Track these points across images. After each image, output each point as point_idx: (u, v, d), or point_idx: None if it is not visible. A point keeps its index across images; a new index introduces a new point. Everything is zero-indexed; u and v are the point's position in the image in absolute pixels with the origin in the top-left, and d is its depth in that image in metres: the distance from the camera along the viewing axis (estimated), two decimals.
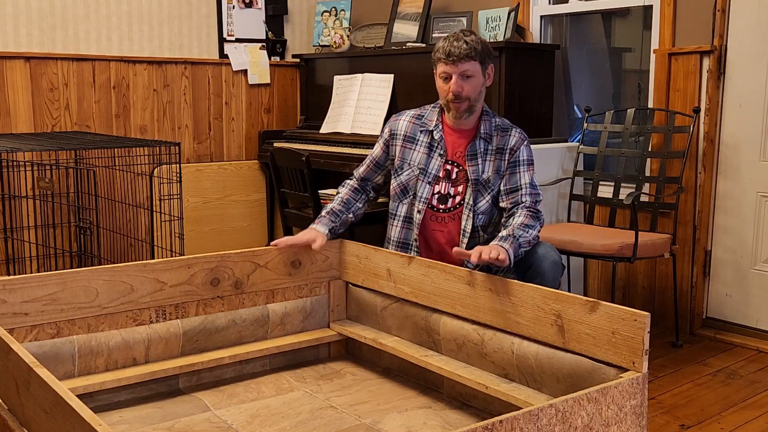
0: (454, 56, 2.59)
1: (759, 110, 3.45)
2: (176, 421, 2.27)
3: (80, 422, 1.41)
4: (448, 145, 2.72)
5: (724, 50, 3.51)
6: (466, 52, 2.59)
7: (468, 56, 2.59)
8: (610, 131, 3.77)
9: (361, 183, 2.87)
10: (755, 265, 3.53)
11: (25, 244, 3.97)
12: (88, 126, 4.27)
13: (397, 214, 2.78)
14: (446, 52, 2.60)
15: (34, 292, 2.22)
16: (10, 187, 3.88)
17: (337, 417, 2.31)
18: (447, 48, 2.60)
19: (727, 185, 3.57)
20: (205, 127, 4.73)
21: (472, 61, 2.61)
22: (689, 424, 2.69)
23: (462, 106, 2.63)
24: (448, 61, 2.60)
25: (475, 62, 2.61)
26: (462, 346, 2.41)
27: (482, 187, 2.68)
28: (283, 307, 2.71)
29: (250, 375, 2.64)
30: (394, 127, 2.81)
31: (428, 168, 2.72)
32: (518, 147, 2.69)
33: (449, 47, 2.60)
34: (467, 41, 2.61)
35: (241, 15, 4.83)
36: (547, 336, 2.14)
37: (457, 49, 2.59)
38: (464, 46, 2.59)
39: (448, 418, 2.33)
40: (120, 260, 4.15)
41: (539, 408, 1.59)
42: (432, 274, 2.48)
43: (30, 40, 4.09)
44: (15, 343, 1.78)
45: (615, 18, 4.32)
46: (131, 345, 2.39)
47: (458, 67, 2.60)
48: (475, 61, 2.61)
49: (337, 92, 4.52)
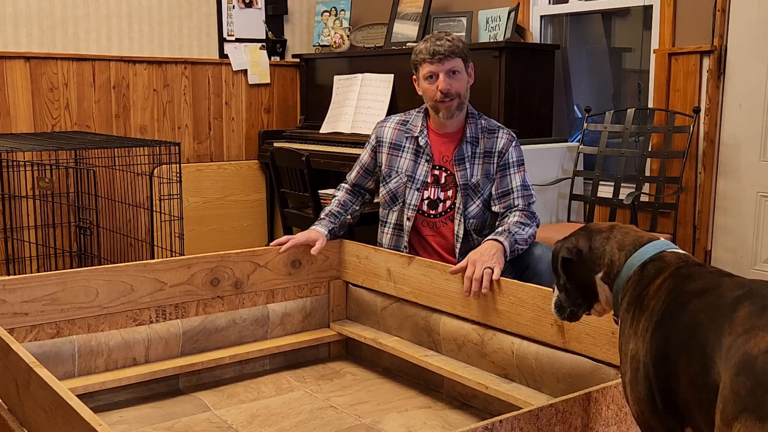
0: (440, 54, 2.58)
1: (759, 110, 3.45)
2: (176, 421, 2.28)
3: (80, 422, 1.41)
4: (434, 150, 2.71)
5: (724, 50, 3.51)
6: (450, 49, 2.59)
7: (453, 53, 2.59)
8: (610, 131, 3.77)
9: (354, 187, 2.87)
10: (755, 265, 3.53)
11: (25, 244, 3.96)
12: (88, 126, 4.27)
13: (388, 221, 2.77)
14: (431, 52, 2.59)
15: (34, 292, 2.22)
16: (10, 187, 3.88)
17: (337, 417, 2.31)
18: (431, 48, 2.59)
19: (727, 185, 3.57)
20: (205, 127, 4.73)
21: (457, 58, 2.61)
22: None
23: (453, 104, 2.62)
24: (434, 60, 2.59)
25: (459, 59, 2.61)
26: (462, 346, 2.41)
27: (472, 192, 2.67)
28: (283, 307, 2.71)
29: (250, 375, 2.64)
30: (379, 134, 2.79)
31: (415, 174, 2.70)
32: (506, 149, 2.67)
33: (433, 47, 2.59)
34: (449, 39, 2.61)
35: (241, 15, 4.83)
36: (547, 336, 2.14)
37: (441, 47, 2.58)
38: (447, 43, 2.59)
39: (448, 418, 2.33)
40: (120, 260, 4.15)
41: (539, 408, 1.59)
42: (432, 274, 2.48)
43: (30, 40, 4.09)
44: (15, 343, 1.78)
45: (615, 18, 4.32)
46: (131, 345, 2.39)
47: (444, 65, 2.59)
48: (459, 58, 2.61)
49: (337, 92, 4.52)
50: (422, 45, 2.63)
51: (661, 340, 1.37)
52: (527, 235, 2.51)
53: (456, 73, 2.61)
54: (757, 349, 1.17)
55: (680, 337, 1.34)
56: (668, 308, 1.39)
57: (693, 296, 1.37)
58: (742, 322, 1.24)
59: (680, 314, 1.36)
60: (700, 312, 1.33)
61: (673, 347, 1.35)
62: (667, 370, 1.35)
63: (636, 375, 1.42)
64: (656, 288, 1.45)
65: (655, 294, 1.44)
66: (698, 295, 1.36)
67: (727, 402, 1.17)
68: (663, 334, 1.38)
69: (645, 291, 1.47)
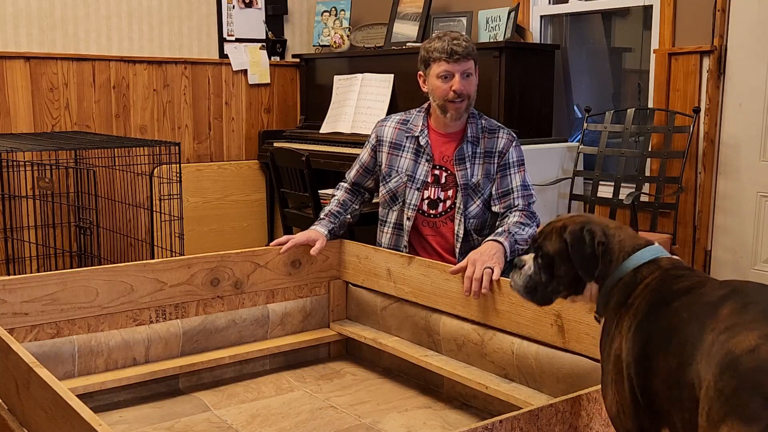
0: (458, 54, 2.57)
1: (759, 110, 3.45)
2: (176, 421, 2.28)
3: (80, 422, 1.41)
4: (434, 149, 2.71)
5: (724, 50, 3.51)
6: (467, 50, 2.59)
7: (469, 55, 2.60)
8: (610, 131, 3.77)
9: (353, 186, 2.87)
10: (755, 265, 3.53)
11: (25, 244, 3.96)
12: (88, 126, 4.27)
13: (388, 220, 2.77)
14: (448, 52, 2.58)
15: (34, 292, 2.22)
16: (10, 187, 3.88)
17: (337, 417, 2.31)
18: (448, 47, 2.59)
19: (727, 185, 3.57)
20: (205, 127, 4.73)
21: (471, 60, 2.62)
22: None
23: (462, 105, 2.63)
24: (451, 60, 2.58)
25: (472, 61, 2.62)
26: (462, 346, 2.41)
27: (472, 192, 2.67)
28: (283, 307, 2.71)
29: (250, 375, 2.64)
30: (380, 133, 2.79)
31: (416, 174, 2.70)
32: (507, 149, 2.67)
33: (451, 46, 2.58)
34: (465, 40, 2.61)
35: (241, 15, 4.83)
36: (547, 336, 2.14)
37: (459, 48, 2.58)
38: (464, 44, 2.60)
39: (448, 418, 2.33)
40: (120, 260, 4.15)
41: (539, 408, 1.59)
42: (432, 274, 2.48)
43: (30, 40, 4.09)
44: (15, 343, 1.78)
45: (615, 18, 4.32)
46: (131, 345, 2.39)
47: (461, 66, 2.59)
48: (473, 61, 2.62)
49: (337, 92, 4.52)
50: (437, 43, 2.61)
51: (643, 337, 1.36)
52: (527, 235, 2.51)
53: (470, 75, 2.62)
54: (740, 348, 1.15)
55: (661, 335, 1.32)
56: (652, 306, 1.38)
57: (677, 295, 1.36)
58: (725, 319, 1.22)
59: (663, 312, 1.35)
60: (683, 309, 1.31)
61: (653, 344, 1.33)
62: (647, 368, 1.34)
63: (620, 375, 1.41)
64: (643, 287, 1.44)
65: (641, 293, 1.43)
66: (682, 294, 1.35)
67: (712, 403, 1.15)
68: (645, 332, 1.36)
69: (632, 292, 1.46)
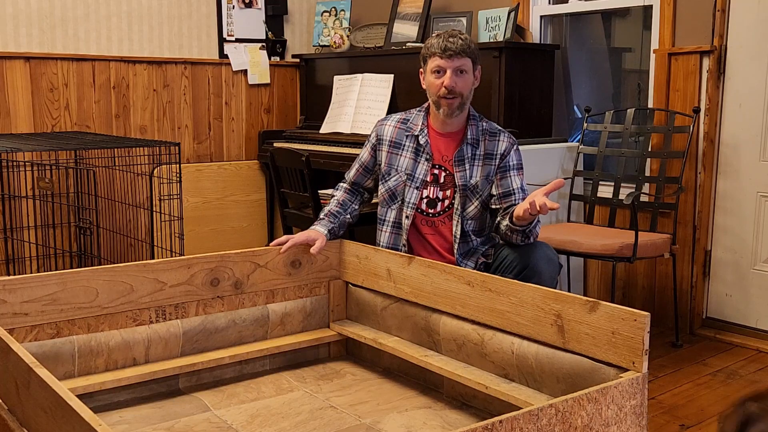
0: (451, 51, 2.60)
1: (759, 110, 3.45)
2: (176, 421, 2.27)
3: (80, 422, 1.41)
4: (434, 149, 2.72)
5: (724, 50, 3.51)
6: (462, 47, 2.61)
7: (464, 52, 2.62)
8: (610, 131, 3.77)
9: (353, 186, 2.88)
10: (755, 265, 3.53)
11: (25, 244, 3.96)
12: (88, 126, 4.27)
13: (386, 219, 2.78)
14: (442, 47, 2.61)
15: (34, 292, 2.22)
16: (10, 187, 3.88)
17: (337, 417, 2.31)
18: (443, 43, 2.61)
19: (727, 185, 3.57)
20: (205, 127, 4.73)
21: (467, 57, 2.63)
22: (689, 424, 2.69)
23: (454, 102, 2.63)
24: (444, 55, 2.61)
25: (468, 59, 2.64)
26: (462, 346, 2.41)
27: (470, 193, 2.68)
28: (283, 307, 2.71)
29: (250, 375, 2.64)
30: (380, 132, 2.80)
31: (415, 173, 2.71)
32: (508, 152, 2.69)
33: (445, 42, 2.61)
34: (462, 38, 2.63)
35: (241, 15, 4.83)
36: (547, 336, 2.14)
37: (453, 44, 2.61)
38: (460, 41, 2.62)
39: (448, 418, 2.33)
40: (120, 260, 4.15)
41: (539, 408, 1.59)
42: (432, 274, 2.48)
43: (30, 40, 4.09)
44: (15, 343, 1.78)
45: (615, 18, 4.31)
46: (131, 345, 2.39)
47: (453, 62, 2.61)
48: (468, 59, 2.64)
49: (337, 92, 4.52)
50: (435, 39, 2.66)
51: None
52: (538, 230, 2.57)
53: (463, 72, 2.63)
54: None
55: None
56: None
57: None
58: None
59: None
60: None
61: None
62: None
63: None
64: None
65: None
66: None
67: None
68: None
69: None
